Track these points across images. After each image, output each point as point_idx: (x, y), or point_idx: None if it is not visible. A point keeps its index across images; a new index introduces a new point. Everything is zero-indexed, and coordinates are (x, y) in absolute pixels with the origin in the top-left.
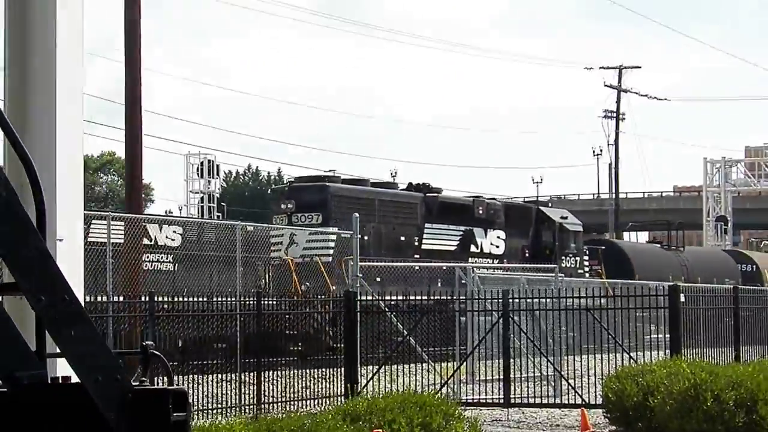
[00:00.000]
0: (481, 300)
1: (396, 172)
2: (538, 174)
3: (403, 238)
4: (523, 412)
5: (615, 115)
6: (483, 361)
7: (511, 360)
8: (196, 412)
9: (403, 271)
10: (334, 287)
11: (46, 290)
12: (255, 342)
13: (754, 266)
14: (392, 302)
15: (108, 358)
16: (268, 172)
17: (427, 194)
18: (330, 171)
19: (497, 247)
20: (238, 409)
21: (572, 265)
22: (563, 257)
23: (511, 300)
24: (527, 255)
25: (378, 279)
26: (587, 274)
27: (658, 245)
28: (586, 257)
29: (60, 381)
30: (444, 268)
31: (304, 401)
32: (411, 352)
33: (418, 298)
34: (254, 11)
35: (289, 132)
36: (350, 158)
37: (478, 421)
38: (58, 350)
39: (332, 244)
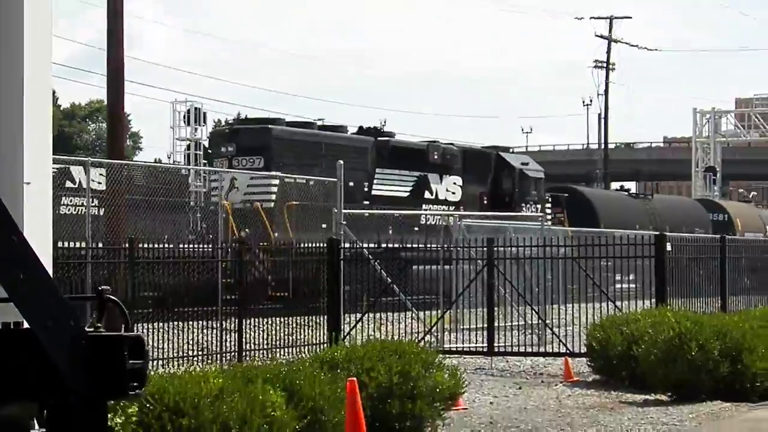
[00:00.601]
0: (467, 249)
1: (385, 122)
2: (528, 124)
3: (352, 184)
4: (507, 361)
5: (605, 65)
6: (468, 310)
7: (496, 309)
8: (177, 359)
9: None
10: (276, 234)
11: None
12: (236, 289)
13: (726, 215)
14: (377, 250)
15: (59, 302)
16: None
17: (379, 138)
18: (319, 120)
19: (453, 193)
20: (219, 356)
21: (533, 213)
22: (523, 204)
23: (496, 249)
24: (485, 202)
25: (324, 225)
26: (549, 222)
27: (625, 193)
28: (549, 205)
29: (11, 326)
30: (443, 218)
31: (286, 349)
32: (396, 301)
33: (404, 246)
34: None
35: (282, 83)
36: (341, 107)
37: (459, 369)
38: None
39: (274, 189)
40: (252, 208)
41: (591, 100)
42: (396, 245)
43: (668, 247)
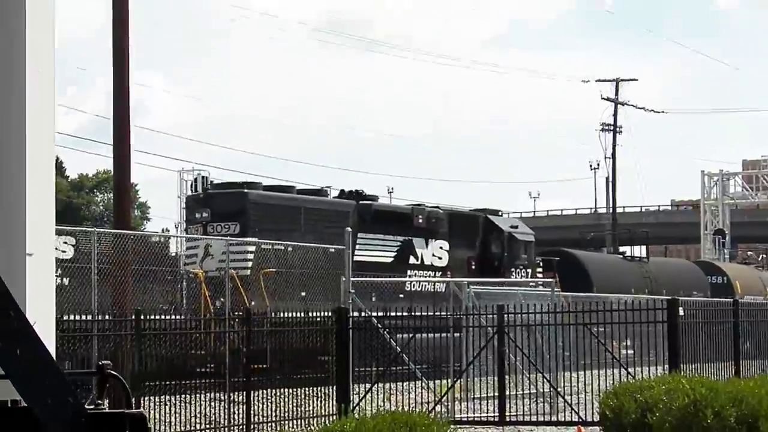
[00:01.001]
0: (476, 316)
1: (393, 189)
2: (536, 189)
3: (332, 250)
4: (518, 430)
5: (612, 128)
6: (478, 378)
7: (507, 377)
8: None
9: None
10: (253, 303)
11: None
12: (244, 361)
13: (725, 278)
14: (386, 319)
15: (58, 379)
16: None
17: (361, 202)
18: (326, 187)
19: (440, 258)
20: (227, 429)
21: (523, 278)
22: (513, 269)
23: (506, 315)
24: (473, 267)
25: (303, 293)
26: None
27: (620, 256)
28: (540, 269)
29: (9, 404)
30: (429, 284)
31: (295, 420)
32: (405, 369)
33: (413, 314)
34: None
35: (286, 149)
36: (345, 174)
37: None
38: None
39: (251, 256)
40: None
41: (598, 164)
42: (404, 313)
43: (680, 312)
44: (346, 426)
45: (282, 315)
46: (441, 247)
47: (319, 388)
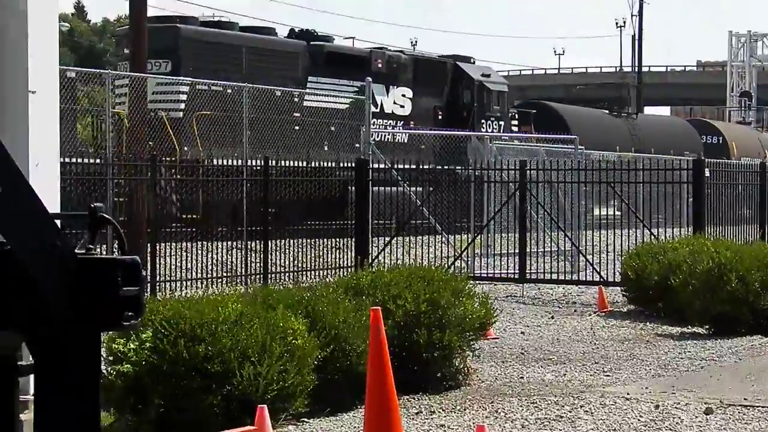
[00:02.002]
0: (498, 170)
1: (416, 41)
2: (560, 45)
3: (279, 94)
4: (539, 288)
5: None
6: (499, 234)
7: (528, 234)
8: (201, 281)
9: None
10: (186, 148)
11: None
12: (260, 209)
13: (721, 138)
14: (405, 170)
15: (44, 220)
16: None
17: (312, 42)
18: (274, 25)
19: (402, 106)
20: (244, 278)
21: (495, 130)
22: (484, 121)
23: (528, 171)
24: (440, 117)
25: (244, 139)
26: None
27: (606, 111)
28: (515, 122)
29: None
30: (445, 135)
31: (312, 272)
32: (425, 224)
33: (435, 167)
34: None
35: None
36: (368, 24)
37: (489, 297)
38: None
39: (183, 98)
40: (156, 118)
41: (624, 21)
42: (426, 166)
43: (706, 173)
44: (362, 279)
45: (300, 164)
46: (404, 95)
47: (337, 240)
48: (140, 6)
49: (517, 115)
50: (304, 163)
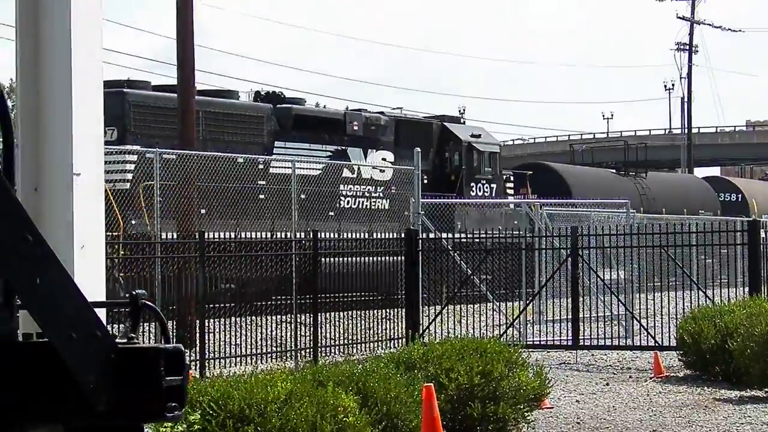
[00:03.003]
0: (549, 237)
1: (464, 110)
2: (609, 110)
3: (241, 161)
4: (592, 355)
5: (687, 47)
6: (551, 300)
7: (580, 299)
8: (250, 356)
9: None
10: (134, 221)
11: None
12: (311, 282)
13: (739, 195)
14: (456, 240)
15: (84, 310)
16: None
17: (278, 105)
18: (398, 108)
19: (382, 171)
20: (294, 352)
21: (486, 194)
22: (474, 184)
23: (580, 237)
24: (425, 181)
25: (203, 210)
26: (511, 205)
27: (613, 170)
28: (510, 184)
29: (31, 338)
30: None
31: (363, 344)
32: (476, 292)
33: (483, 235)
34: None
35: (354, 70)
36: (418, 95)
37: (543, 367)
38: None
39: (131, 167)
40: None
41: (673, 84)
42: (476, 234)
43: (762, 234)
44: (413, 352)
45: (349, 237)
46: (384, 159)
47: (388, 311)
48: (187, 89)
49: (512, 178)
50: (354, 235)
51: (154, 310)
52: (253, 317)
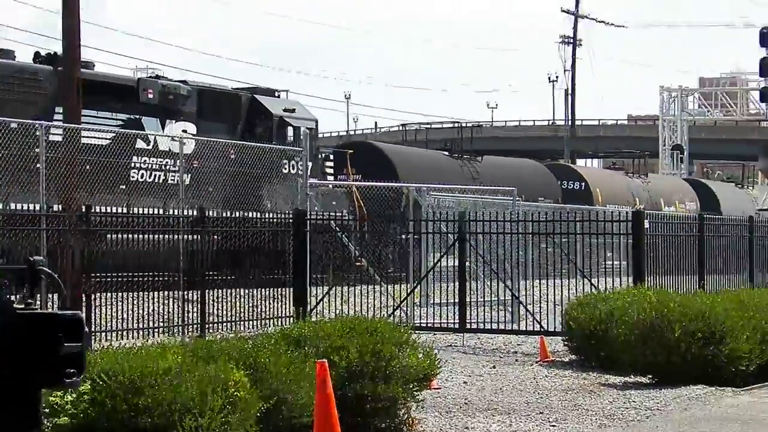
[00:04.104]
0: (437, 222)
1: (350, 95)
2: (493, 99)
3: (15, 125)
4: (479, 338)
5: (572, 41)
6: (439, 284)
7: (467, 284)
8: (138, 331)
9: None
10: None
11: None
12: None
13: (583, 183)
14: (343, 221)
15: None
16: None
17: (61, 68)
18: (283, 91)
19: (183, 143)
20: (181, 328)
21: (300, 171)
22: (285, 161)
23: (468, 222)
24: (232, 157)
25: None
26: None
27: (446, 153)
28: (329, 163)
29: None
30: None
31: (250, 322)
32: (364, 274)
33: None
34: None
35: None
36: (294, 75)
37: (432, 348)
38: None
39: None
40: None
41: (557, 76)
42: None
43: (646, 224)
44: (304, 329)
45: (236, 215)
46: (184, 130)
47: (274, 290)
48: (73, 60)
49: (332, 156)
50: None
51: (51, 276)
52: (140, 292)
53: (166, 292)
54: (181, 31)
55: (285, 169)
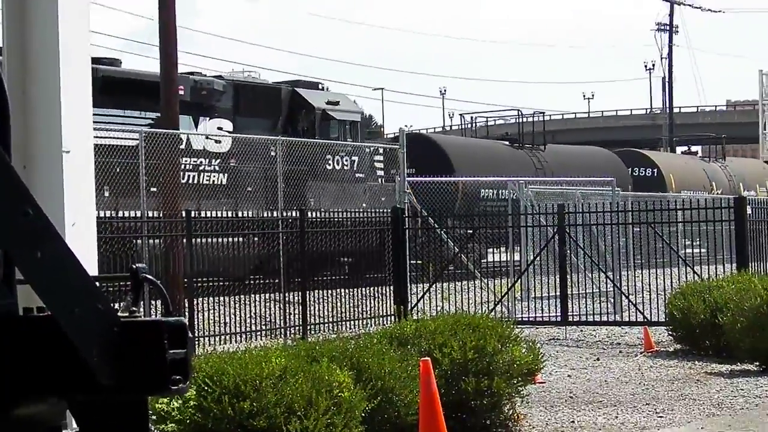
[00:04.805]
0: (536, 215)
1: (445, 90)
2: (590, 89)
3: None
4: (581, 330)
5: (668, 28)
6: (539, 278)
7: (568, 276)
8: (239, 335)
9: None
10: None
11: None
12: (299, 261)
13: (655, 170)
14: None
15: (86, 284)
16: None
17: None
18: (378, 89)
19: (218, 142)
20: (283, 330)
21: (345, 167)
22: (329, 156)
23: (567, 215)
24: (273, 154)
25: None
26: (380, 179)
27: (507, 143)
28: (378, 157)
29: (33, 313)
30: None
31: (352, 321)
32: (463, 269)
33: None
34: None
35: (335, 50)
36: (397, 75)
37: (535, 342)
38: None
39: None
40: None
41: (654, 64)
42: (463, 214)
43: (749, 211)
44: (406, 328)
45: (337, 214)
46: (220, 128)
47: (374, 289)
48: (170, 71)
49: (381, 150)
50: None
51: (155, 283)
52: (242, 296)
53: (267, 295)
54: (279, 32)
55: (329, 165)
